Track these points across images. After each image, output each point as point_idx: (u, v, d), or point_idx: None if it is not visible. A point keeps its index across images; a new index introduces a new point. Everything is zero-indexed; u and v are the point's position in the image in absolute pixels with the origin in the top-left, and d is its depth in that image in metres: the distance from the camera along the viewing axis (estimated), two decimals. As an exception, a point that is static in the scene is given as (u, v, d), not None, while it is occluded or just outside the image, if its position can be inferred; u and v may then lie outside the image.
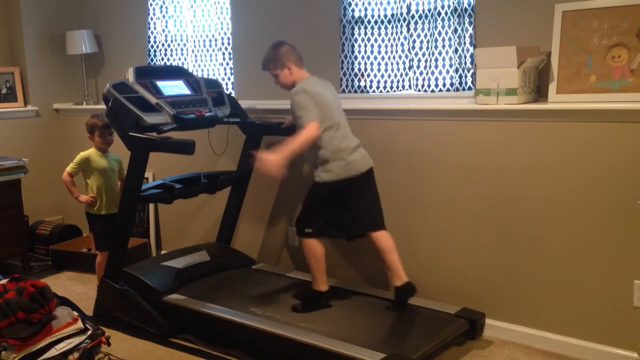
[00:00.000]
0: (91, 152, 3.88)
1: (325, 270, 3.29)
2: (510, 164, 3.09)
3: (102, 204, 3.85)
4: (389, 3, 3.50)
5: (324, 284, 3.29)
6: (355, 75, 3.66)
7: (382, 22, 3.53)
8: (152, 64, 4.57)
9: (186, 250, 3.88)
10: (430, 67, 3.39)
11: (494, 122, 3.12)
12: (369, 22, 3.58)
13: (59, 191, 4.76)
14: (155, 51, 4.57)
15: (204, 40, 4.38)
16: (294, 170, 3.89)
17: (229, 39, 4.22)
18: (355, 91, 3.66)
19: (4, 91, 4.87)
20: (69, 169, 3.84)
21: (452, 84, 3.34)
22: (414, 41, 3.42)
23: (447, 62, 3.35)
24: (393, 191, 3.51)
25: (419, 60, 3.42)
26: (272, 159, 2.97)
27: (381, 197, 3.55)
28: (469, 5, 3.21)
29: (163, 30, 4.53)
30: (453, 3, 3.25)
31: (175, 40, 4.52)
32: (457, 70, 3.31)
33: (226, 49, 4.25)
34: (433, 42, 3.36)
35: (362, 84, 3.64)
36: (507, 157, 3.10)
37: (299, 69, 3.32)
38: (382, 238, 3.26)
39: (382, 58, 3.56)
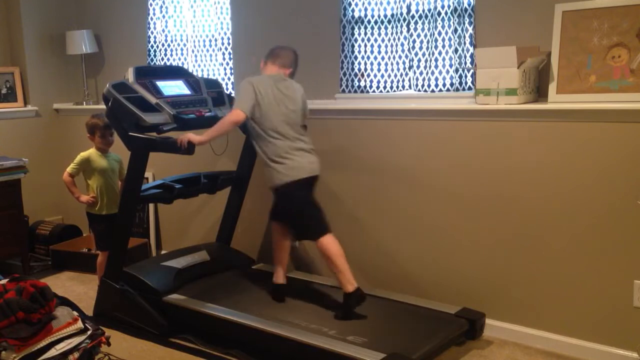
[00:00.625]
0: (91, 152, 3.87)
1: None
2: (510, 164, 3.09)
3: (103, 204, 3.85)
4: (389, 3, 3.50)
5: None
6: (355, 75, 3.66)
7: (382, 22, 3.53)
8: (152, 64, 4.56)
9: (186, 250, 3.88)
10: (430, 67, 3.39)
11: (494, 122, 3.12)
12: (369, 22, 3.58)
13: (59, 191, 4.77)
14: (155, 51, 4.57)
15: (204, 40, 4.38)
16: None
17: (229, 39, 4.22)
18: (355, 91, 3.66)
19: (4, 91, 4.87)
20: (69, 169, 3.84)
21: (452, 84, 3.34)
22: (414, 41, 3.42)
23: (447, 62, 3.35)
24: (392, 191, 3.51)
25: (419, 60, 3.42)
26: (195, 138, 3.21)
27: (380, 197, 3.56)
28: (469, 5, 3.21)
29: (163, 30, 4.53)
30: (453, 3, 3.25)
31: (175, 40, 4.52)
32: (457, 70, 3.31)
33: (226, 49, 4.25)
34: (433, 42, 3.36)
35: (362, 84, 3.64)
36: (507, 157, 3.10)
37: (267, 66, 3.43)
38: (332, 242, 3.27)
39: (382, 58, 3.56)
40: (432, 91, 3.40)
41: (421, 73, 3.42)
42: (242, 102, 3.22)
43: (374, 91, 3.61)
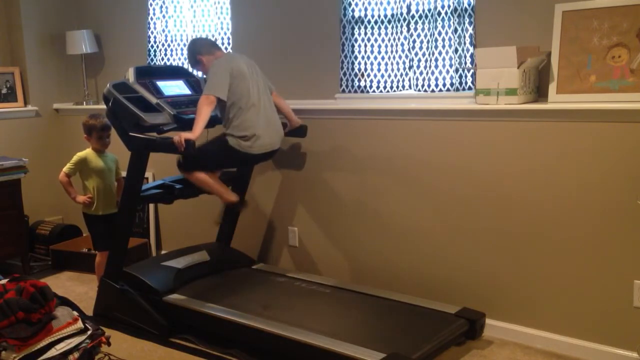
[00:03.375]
0: (88, 152, 3.87)
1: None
2: (510, 164, 3.09)
3: (99, 205, 3.84)
4: (389, 3, 3.50)
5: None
6: (355, 75, 3.66)
7: (382, 22, 3.53)
8: (152, 64, 4.56)
9: (186, 250, 3.88)
10: (430, 67, 3.39)
11: (494, 122, 3.12)
12: (369, 22, 3.58)
13: (59, 191, 4.74)
14: (155, 51, 4.57)
15: (204, 40, 4.38)
16: (293, 170, 3.90)
17: (229, 39, 4.22)
18: (355, 91, 3.66)
19: (4, 91, 4.87)
20: (65, 169, 3.83)
21: (452, 84, 3.34)
22: (414, 41, 3.42)
23: (447, 62, 3.35)
24: (393, 191, 3.51)
25: (419, 60, 3.42)
26: (189, 135, 3.17)
27: (380, 197, 3.56)
28: (469, 5, 3.21)
29: (163, 30, 4.53)
30: (453, 3, 3.25)
31: (175, 40, 4.52)
32: (457, 70, 3.31)
33: (226, 49, 4.25)
34: (433, 42, 3.36)
35: (362, 84, 3.64)
36: (507, 157, 3.10)
37: (213, 55, 3.47)
38: None
39: (382, 58, 3.56)
40: (432, 91, 3.40)
41: (421, 73, 3.42)
42: (213, 85, 3.27)
43: (374, 91, 3.61)
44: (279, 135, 3.50)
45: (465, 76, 3.29)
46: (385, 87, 3.57)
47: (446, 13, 3.29)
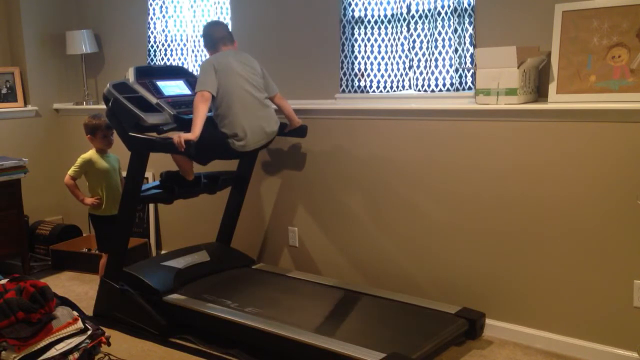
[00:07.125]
0: (92, 154, 3.86)
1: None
2: (510, 164, 3.09)
3: (108, 205, 3.83)
4: (389, 3, 3.50)
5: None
6: (355, 75, 3.66)
7: (382, 22, 3.53)
8: (152, 64, 4.56)
9: (186, 250, 3.88)
10: (430, 67, 3.39)
11: (494, 122, 3.12)
12: (369, 22, 3.58)
13: (59, 191, 4.77)
14: (155, 51, 4.57)
15: (204, 40, 4.38)
16: (293, 170, 3.90)
17: (229, 39, 4.21)
18: (355, 91, 3.66)
19: (4, 91, 4.87)
20: (71, 172, 3.82)
21: (452, 84, 3.34)
22: (414, 41, 3.42)
23: (447, 62, 3.35)
24: (392, 191, 3.51)
25: (419, 60, 3.42)
26: (188, 136, 3.18)
27: (380, 197, 3.56)
28: (469, 5, 3.21)
29: (163, 30, 4.53)
30: (453, 3, 3.25)
31: (175, 40, 4.52)
32: (457, 70, 3.31)
33: (226, 49, 4.25)
34: (433, 42, 3.36)
35: (362, 84, 3.64)
36: (507, 157, 3.10)
37: (216, 51, 3.51)
38: None
39: (382, 58, 3.56)
40: (432, 91, 3.40)
41: (421, 73, 3.42)
42: (204, 82, 3.29)
43: (374, 91, 3.61)
44: (267, 135, 3.47)
45: (465, 76, 3.29)
46: (385, 87, 3.57)
47: (446, 13, 3.29)
